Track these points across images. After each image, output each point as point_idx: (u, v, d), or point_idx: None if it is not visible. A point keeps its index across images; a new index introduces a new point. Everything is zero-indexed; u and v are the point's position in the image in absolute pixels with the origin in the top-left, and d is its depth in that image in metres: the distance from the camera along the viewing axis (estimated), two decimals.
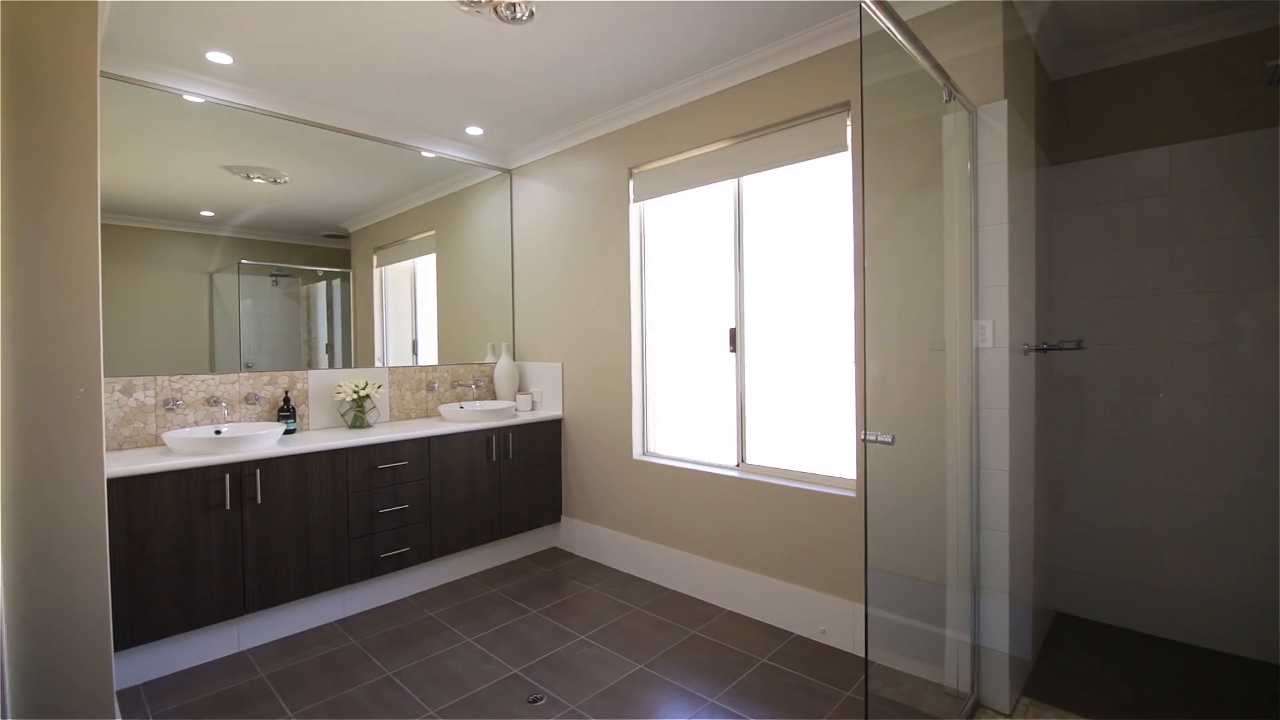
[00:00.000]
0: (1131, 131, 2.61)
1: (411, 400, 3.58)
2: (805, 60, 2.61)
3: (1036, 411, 2.41)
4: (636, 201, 3.35)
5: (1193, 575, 2.50)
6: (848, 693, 2.19)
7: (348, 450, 2.79)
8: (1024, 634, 2.23)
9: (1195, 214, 2.48)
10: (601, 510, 3.53)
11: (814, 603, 2.60)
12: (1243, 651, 2.40)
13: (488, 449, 3.35)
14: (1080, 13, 2.36)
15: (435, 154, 3.69)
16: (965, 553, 2.08)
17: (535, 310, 3.95)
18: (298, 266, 3.28)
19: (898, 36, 1.55)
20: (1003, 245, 2.04)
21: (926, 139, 2.13)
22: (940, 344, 2.10)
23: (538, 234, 3.91)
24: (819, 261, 2.69)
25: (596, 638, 2.63)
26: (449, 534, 3.18)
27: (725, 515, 2.93)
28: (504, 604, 2.98)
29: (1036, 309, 2.41)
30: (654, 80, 2.97)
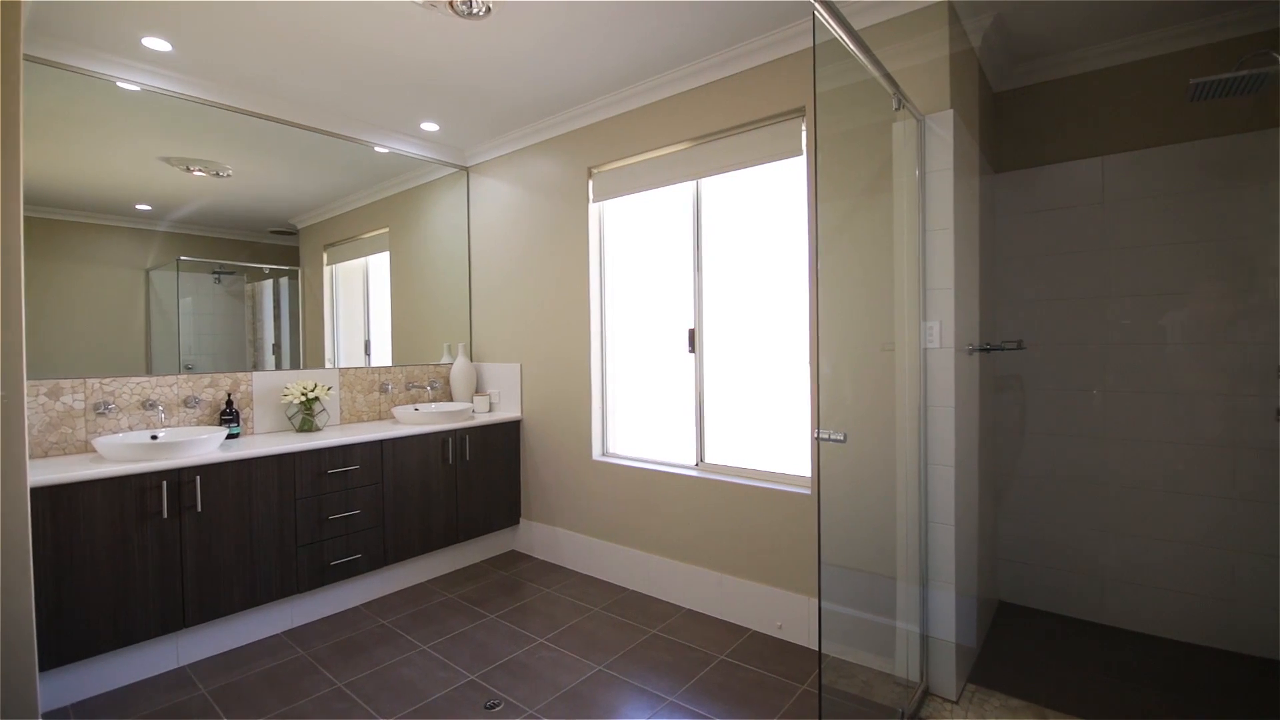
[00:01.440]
0: (1067, 143, 2.75)
1: (364, 402, 3.48)
2: (762, 65, 2.65)
3: (980, 409, 2.51)
4: (596, 202, 3.35)
5: (1125, 563, 2.65)
6: (803, 686, 2.24)
7: (295, 455, 2.69)
8: (969, 623, 2.32)
9: (1125, 222, 2.63)
10: (561, 512, 3.51)
11: (771, 599, 2.64)
12: (1173, 634, 2.55)
13: (444, 451, 3.29)
14: (1020, 28, 2.47)
15: (389, 149, 3.60)
16: (914, 546, 2.15)
17: (493, 310, 3.90)
18: (242, 264, 3.15)
19: (849, 45, 1.59)
20: (949, 249, 2.12)
21: (877, 145, 2.19)
22: (890, 344, 2.17)
23: (496, 233, 3.86)
24: (776, 263, 2.74)
25: (556, 640, 2.61)
26: (403, 539, 3.11)
27: (684, 515, 2.95)
28: (461, 609, 2.93)
29: (980, 311, 2.51)
30: (613, 80, 2.98)
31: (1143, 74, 2.56)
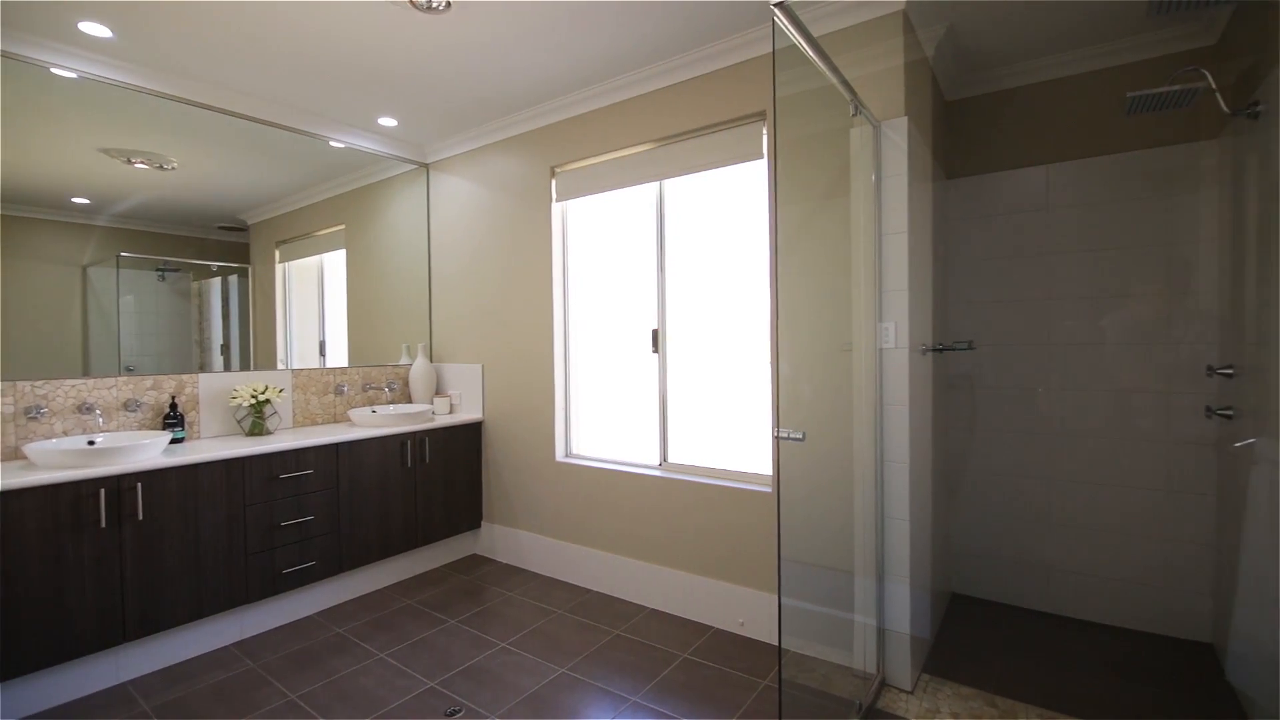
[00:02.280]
0: (1015, 151, 2.86)
1: (318, 405, 3.38)
2: (724, 69, 2.68)
3: (934, 408, 2.58)
4: (559, 201, 3.33)
5: (1069, 554, 2.77)
6: (765, 682, 2.27)
7: (244, 459, 2.60)
8: (924, 615, 2.39)
9: (1069, 228, 2.75)
10: (523, 514, 3.48)
11: (733, 596, 2.67)
12: (1114, 620, 2.68)
13: (402, 454, 3.22)
14: (970, 40, 2.56)
15: (345, 144, 3.51)
16: (871, 541, 2.20)
17: (454, 310, 3.83)
18: (188, 260, 3.03)
19: (808, 51, 1.62)
20: (903, 252, 2.18)
21: (836, 150, 2.24)
22: (848, 344, 2.22)
23: (457, 231, 3.80)
24: (738, 265, 2.77)
25: (518, 644, 2.58)
26: (360, 545, 3.03)
27: (648, 514, 2.95)
28: (420, 615, 2.87)
29: (933, 312, 2.59)
30: (576, 79, 2.96)
31: (1085, 87, 2.68)
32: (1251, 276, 2.03)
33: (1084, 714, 2.04)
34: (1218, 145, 2.42)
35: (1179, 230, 2.53)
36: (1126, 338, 2.64)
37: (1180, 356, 2.53)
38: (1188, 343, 2.52)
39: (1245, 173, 2.10)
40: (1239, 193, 2.18)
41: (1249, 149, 2.05)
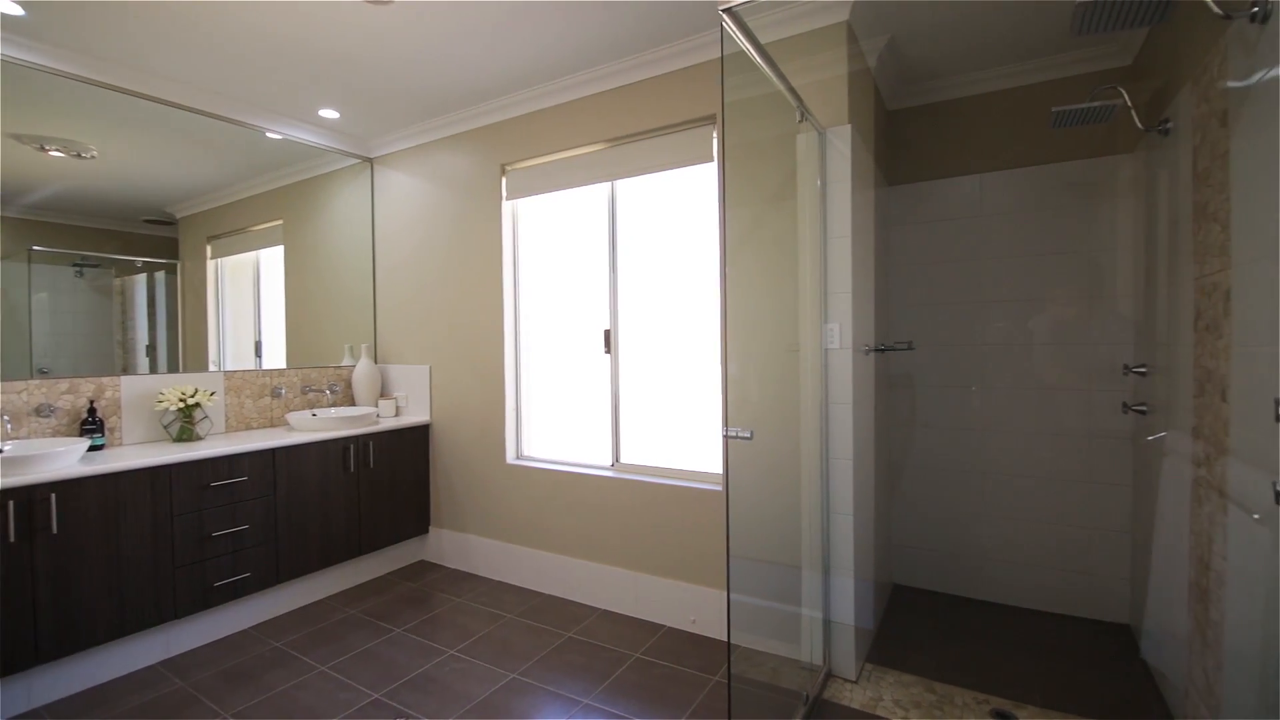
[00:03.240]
0: (951, 160, 2.99)
1: (253, 408, 3.23)
2: (676, 71, 2.70)
3: (876, 405, 2.67)
4: (510, 199, 3.28)
5: (1002, 544, 2.91)
6: (715, 678, 2.30)
7: (171, 467, 2.45)
8: (867, 606, 2.47)
9: (1000, 234, 2.89)
10: (473, 518, 3.41)
11: (685, 594, 2.69)
12: (1043, 606, 2.83)
13: (345, 459, 3.11)
14: (910, 52, 2.66)
15: (282, 136, 3.36)
16: (817, 536, 2.26)
17: (400, 309, 3.73)
18: (110, 256, 2.84)
19: (755, 57, 1.65)
20: (847, 256, 2.25)
21: (783, 155, 2.29)
22: (795, 345, 2.27)
23: (403, 228, 3.70)
24: (689, 266, 2.80)
25: (467, 651, 2.53)
26: (299, 554, 2.91)
27: (600, 515, 2.95)
28: (364, 625, 2.78)
29: (875, 314, 2.68)
30: (527, 77, 2.93)
31: (1015, 100, 2.83)
32: (1162, 282, 2.19)
33: (1013, 695, 2.15)
34: (1133, 159, 2.60)
35: (1098, 238, 2.70)
36: (1051, 338, 2.80)
37: (1099, 356, 2.70)
38: (1106, 343, 2.69)
39: (1157, 185, 2.25)
40: (1151, 204, 2.34)
41: (1160, 163, 2.20)
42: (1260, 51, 1.35)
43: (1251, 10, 1.34)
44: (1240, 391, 1.48)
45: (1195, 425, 1.80)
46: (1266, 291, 1.34)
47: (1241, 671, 1.47)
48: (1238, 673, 1.49)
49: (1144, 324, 2.46)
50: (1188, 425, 1.86)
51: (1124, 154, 2.63)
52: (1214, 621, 1.64)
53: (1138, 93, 2.37)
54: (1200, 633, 1.74)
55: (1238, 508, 1.49)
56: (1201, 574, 1.74)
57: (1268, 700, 1.33)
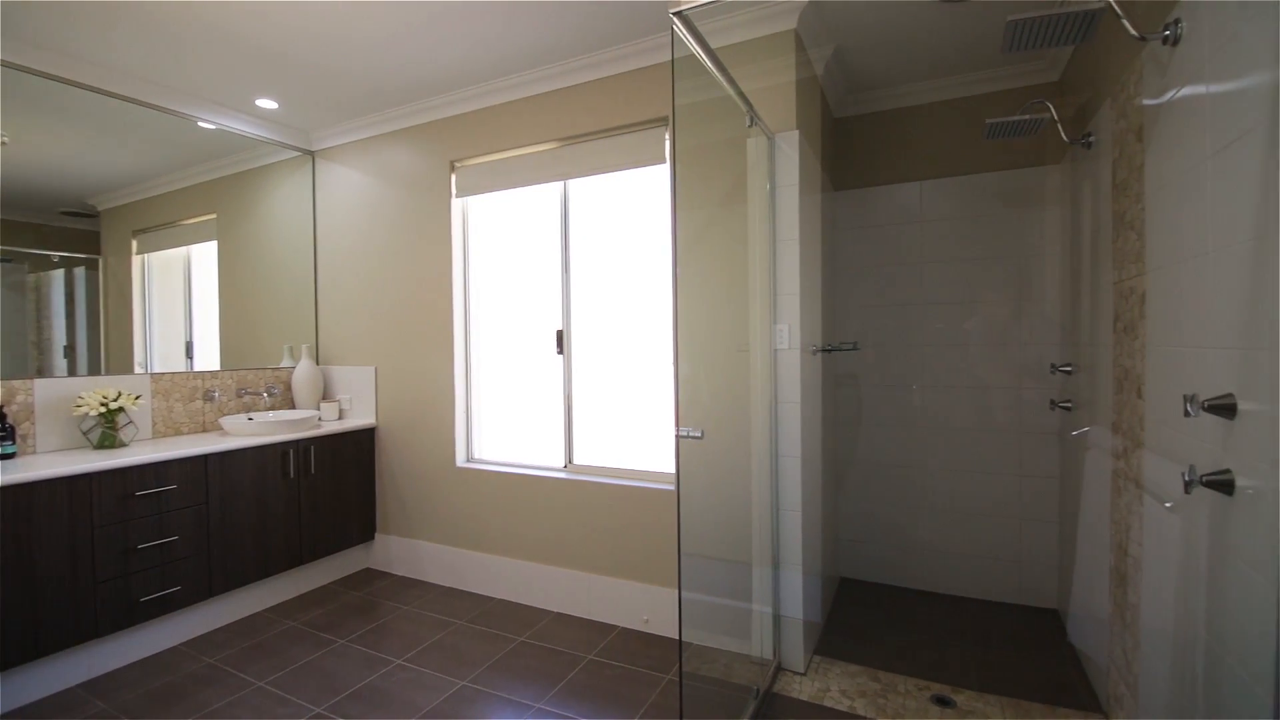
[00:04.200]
0: (894, 167, 3.10)
1: (183, 413, 3.06)
2: (629, 72, 2.70)
3: (823, 404, 2.74)
4: (460, 197, 3.22)
5: (941, 536, 3.03)
6: (668, 676, 2.31)
7: (91, 476, 2.30)
8: (815, 600, 2.53)
9: (938, 240, 3.02)
10: (421, 523, 3.33)
11: (638, 594, 2.70)
12: (979, 594, 2.96)
13: (284, 465, 2.98)
14: (855, 62, 2.74)
15: (216, 125, 3.20)
16: (767, 532, 2.30)
17: (344, 308, 3.60)
18: (22, 249, 2.64)
19: (706, 61, 1.67)
20: (796, 259, 2.30)
21: (733, 159, 2.32)
22: (745, 345, 2.31)
23: (347, 224, 3.58)
24: (642, 267, 2.81)
25: (415, 660, 2.46)
26: (235, 565, 2.77)
27: (553, 517, 2.92)
28: (305, 637, 2.67)
29: (822, 315, 2.75)
30: (477, 72, 2.88)
31: (953, 111, 2.96)
32: (1086, 286, 2.32)
33: (952, 681, 2.24)
34: (1060, 170, 2.75)
35: (1028, 244, 2.85)
36: (985, 339, 2.94)
37: (1029, 356, 2.85)
38: (1035, 344, 2.84)
39: (1081, 195, 2.39)
40: (1076, 213, 2.48)
41: (1084, 175, 2.34)
42: (1171, 72, 1.46)
43: (1164, 34, 1.44)
44: (1154, 388, 1.59)
45: (1115, 420, 1.92)
46: (1176, 295, 1.45)
47: (1156, 649, 1.57)
48: (1153, 650, 1.60)
49: (1069, 325, 2.61)
50: (1108, 420, 1.98)
51: (1052, 165, 2.78)
52: (1132, 604, 1.75)
53: (1064, 107, 2.52)
54: (1120, 615, 1.86)
55: (1152, 497, 1.60)
56: (1120, 560, 1.86)
57: (1179, 674, 1.43)
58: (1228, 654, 1.18)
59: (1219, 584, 1.23)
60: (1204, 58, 1.28)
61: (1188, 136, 1.37)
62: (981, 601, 2.93)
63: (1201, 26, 1.30)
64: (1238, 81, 1.14)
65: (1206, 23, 1.27)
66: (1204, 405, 1.18)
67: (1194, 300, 1.34)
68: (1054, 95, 2.63)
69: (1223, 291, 1.20)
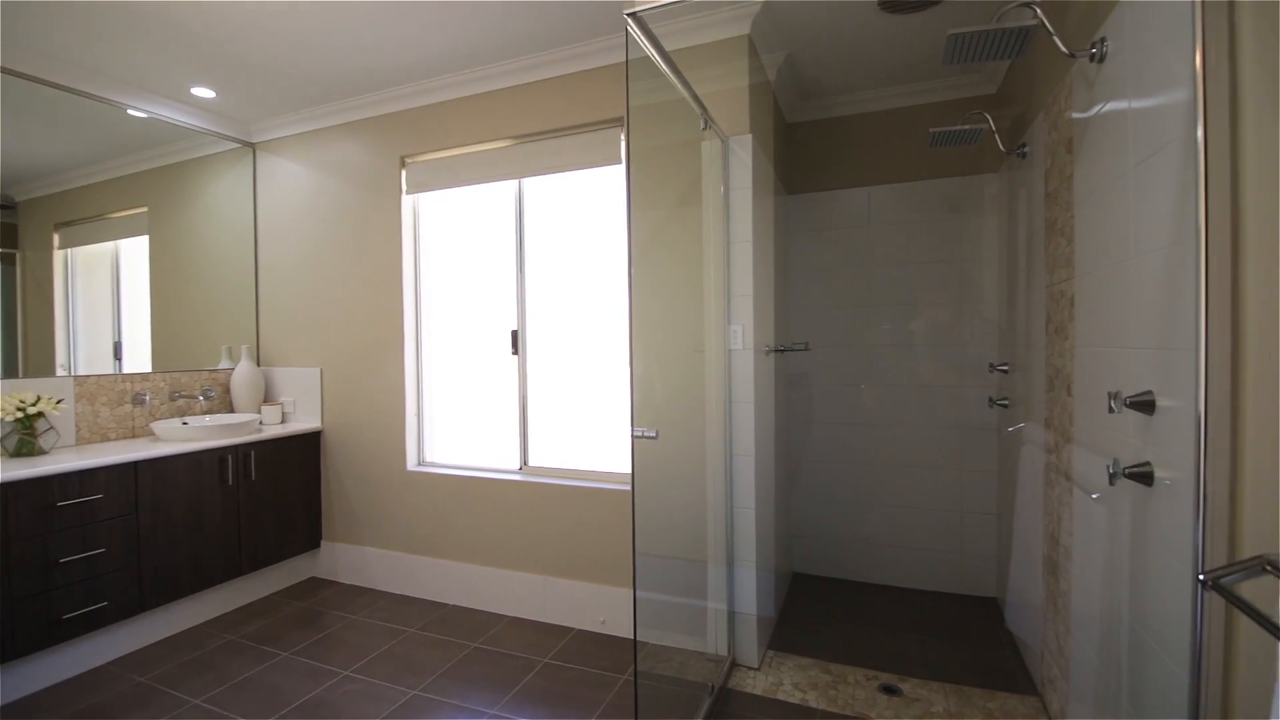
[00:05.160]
0: (843, 172, 3.19)
1: (111, 417, 2.89)
2: (585, 72, 2.69)
3: (776, 403, 2.80)
4: (410, 193, 3.14)
5: (888, 530, 3.13)
6: (624, 676, 2.31)
7: (6, 485, 2.14)
8: (769, 596, 2.57)
9: (885, 243, 3.12)
10: (370, 530, 3.23)
11: (595, 595, 2.69)
12: (925, 585, 3.07)
13: (222, 471, 2.84)
14: (806, 69, 2.80)
15: (147, 114, 3.03)
16: (722, 530, 2.33)
17: (287, 307, 3.46)
18: None
19: (660, 63, 1.68)
20: (749, 260, 2.34)
21: (688, 161, 2.34)
22: (700, 346, 2.33)
23: (290, 219, 3.44)
24: (597, 267, 2.80)
25: (363, 670, 2.39)
26: (168, 578, 2.63)
27: (507, 520, 2.88)
28: (246, 651, 2.56)
29: (775, 316, 2.81)
30: (428, 67, 2.82)
31: (899, 120, 3.06)
32: (1021, 289, 2.44)
33: (899, 670, 2.31)
34: (997, 178, 2.88)
35: (968, 249, 2.97)
36: (929, 340, 3.05)
37: (969, 355, 2.97)
38: (974, 344, 2.96)
39: (1017, 203, 2.51)
40: (1012, 219, 2.60)
41: (1019, 183, 2.45)
42: (1098, 88, 1.54)
43: (1091, 51, 1.53)
44: (1082, 386, 1.68)
45: (1047, 417, 2.02)
46: (1102, 298, 1.53)
47: (1085, 632, 1.67)
48: (1082, 634, 1.69)
49: (1006, 326, 2.73)
50: (1041, 417, 2.09)
51: (990, 173, 2.91)
52: (1063, 591, 1.85)
53: (1001, 119, 2.63)
54: (1052, 601, 1.96)
55: (1080, 489, 1.69)
56: (1053, 549, 1.96)
57: (1105, 656, 1.51)
58: (1148, 635, 1.26)
59: (1140, 570, 1.31)
60: (1127, 75, 1.36)
61: (1112, 148, 1.45)
62: (926, 592, 3.04)
63: (1125, 46, 1.38)
64: (1156, 98, 1.21)
65: (1129, 43, 1.36)
66: (1126, 402, 1.26)
67: (1118, 303, 1.42)
68: (992, 107, 2.75)
69: (1143, 295, 1.28)
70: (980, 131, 2.39)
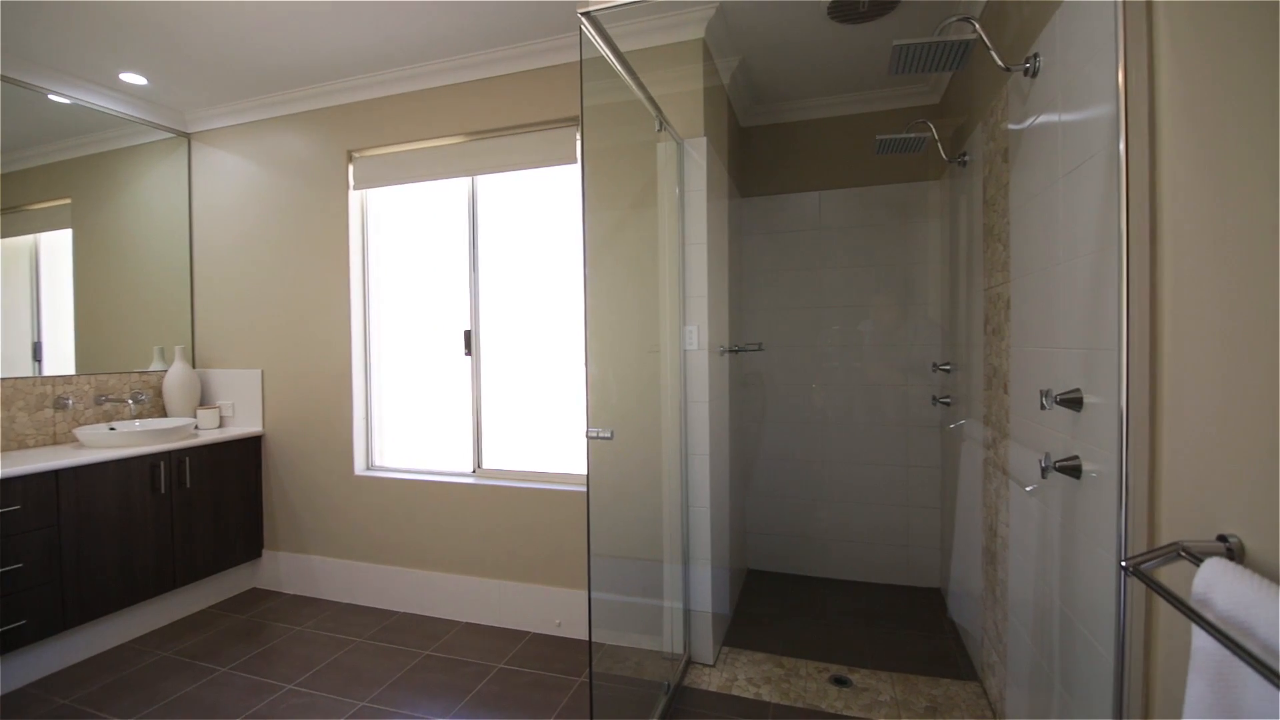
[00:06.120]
0: (795, 176, 3.26)
1: (29, 423, 2.70)
2: (541, 69, 2.67)
3: (730, 403, 2.84)
4: (358, 189, 3.05)
5: (839, 525, 3.21)
6: (580, 679, 2.30)
7: None
8: (724, 593, 2.61)
9: (835, 246, 3.20)
10: (316, 537, 3.12)
11: (550, 598, 2.67)
12: (873, 578, 3.17)
13: (153, 479, 2.69)
14: (758, 75, 2.85)
15: (71, 100, 2.85)
16: (677, 529, 2.35)
17: (225, 306, 3.31)
18: None
19: (615, 64, 1.68)
20: (704, 262, 2.36)
21: (643, 162, 2.35)
22: (655, 346, 2.34)
23: (229, 214, 3.28)
24: (552, 267, 2.78)
25: (308, 684, 2.30)
26: (94, 593, 2.47)
27: (461, 525, 2.83)
28: (181, 668, 2.43)
29: (729, 317, 2.84)
30: (377, 59, 2.74)
31: (849, 126, 3.15)
32: (962, 292, 2.54)
33: (849, 661, 2.38)
34: (940, 185, 3.00)
35: (913, 252, 3.08)
36: (877, 340, 3.15)
37: (913, 355, 3.08)
38: (919, 344, 3.07)
39: (958, 209, 2.62)
40: (954, 225, 2.71)
41: (960, 190, 2.56)
42: (1031, 101, 1.62)
43: (1025, 66, 1.61)
44: (1017, 385, 1.77)
45: (985, 414, 2.11)
46: (1035, 301, 1.61)
47: (1021, 619, 1.75)
48: (1018, 620, 1.77)
49: (948, 328, 2.85)
50: (980, 414, 2.18)
51: (934, 180, 3.03)
52: (1001, 580, 1.94)
53: (944, 128, 2.74)
54: (991, 590, 2.05)
55: (1016, 482, 1.78)
56: (991, 540, 2.05)
57: (1040, 640, 1.59)
58: (1078, 619, 1.33)
59: (1070, 558, 1.39)
60: (1057, 90, 1.44)
61: (1044, 159, 1.53)
62: (874, 584, 3.14)
63: (1055, 62, 1.46)
64: (1083, 112, 1.29)
65: (1059, 59, 1.43)
66: (1056, 399, 1.33)
67: (1049, 305, 1.50)
68: (935, 116, 2.86)
69: (1072, 298, 1.36)
70: (924, 140, 2.48)
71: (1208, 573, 0.74)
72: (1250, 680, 0.62)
